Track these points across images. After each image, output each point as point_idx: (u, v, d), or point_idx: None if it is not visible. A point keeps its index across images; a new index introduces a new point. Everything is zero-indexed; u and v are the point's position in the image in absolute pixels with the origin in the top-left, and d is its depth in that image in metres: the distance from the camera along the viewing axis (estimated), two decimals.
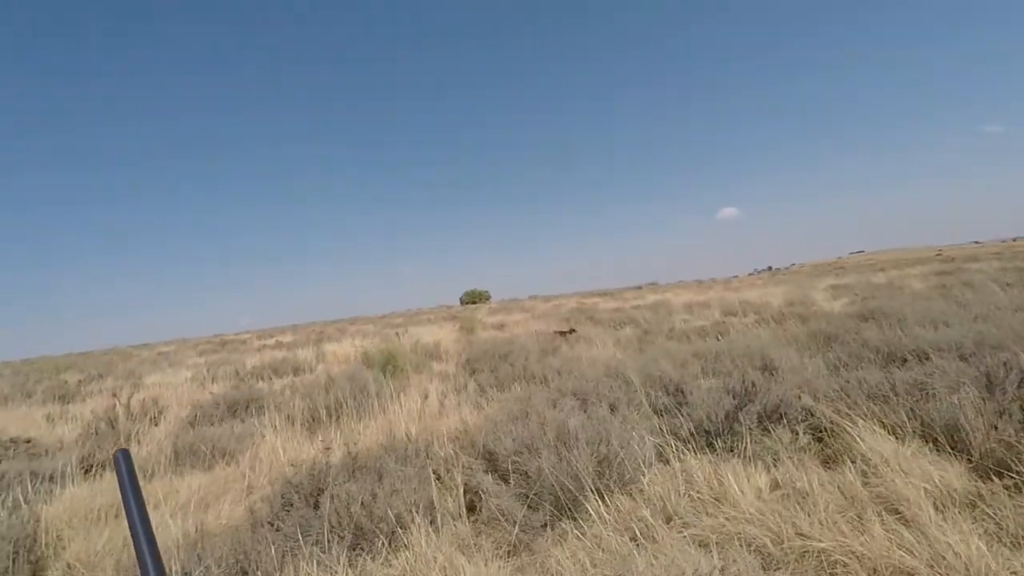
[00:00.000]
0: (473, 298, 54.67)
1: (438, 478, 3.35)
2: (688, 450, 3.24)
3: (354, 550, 2.66)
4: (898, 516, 2.43)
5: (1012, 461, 2.77)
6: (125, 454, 0.77)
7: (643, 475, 2.97)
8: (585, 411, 4.11)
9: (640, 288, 49.30)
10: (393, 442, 4.10)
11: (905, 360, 4.56)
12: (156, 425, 6.80)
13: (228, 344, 26.01)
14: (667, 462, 3.17)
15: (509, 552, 2.63)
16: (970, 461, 2.92)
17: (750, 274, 70.21)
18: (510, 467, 3.09)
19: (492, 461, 3.25)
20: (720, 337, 8.37)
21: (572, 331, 11.39)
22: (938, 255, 49.80)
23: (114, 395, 7.00)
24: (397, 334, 15.60)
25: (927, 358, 4.46)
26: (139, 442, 6.00)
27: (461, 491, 3.13)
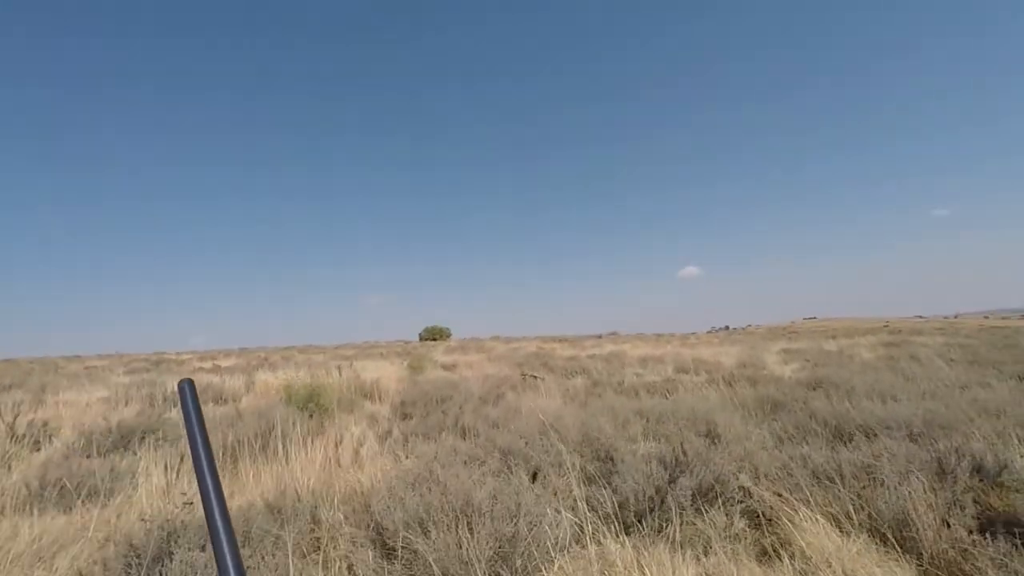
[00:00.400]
0: (433, 335, 53.67)
1: (316, 548, 2.83)
2: (610, 531, 2.81)
3: None
4: None
5: (965, 567, 2.45)
6: (190, 384, 0.75)
7: (552, 562, 2.52)
8: (509, 473, 3.66)
9: (600, 337, 49.33)
10: (283, 498, 3.54)
11: (852, 437, 4.28)
12: (38, 451, 6.01)
13: (163, 363, 24.41)
14: (584, 545, 2.73)
15: None
16: (920, 564, 2.58)
17: (708, 331, 71.43)
18: (399, 543, 2.60)
19: (380, 533, 2.74)
20: (669, 395, 8.07)
21: (534, 376, 10.97)
22: (885, 326, 51.79)
23: None
24: (340, 368, 14.84)
25: (875, 436, 4.20)
26: (9, 468, 5.23)
27: (339, 567, 2.62)
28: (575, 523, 2.83)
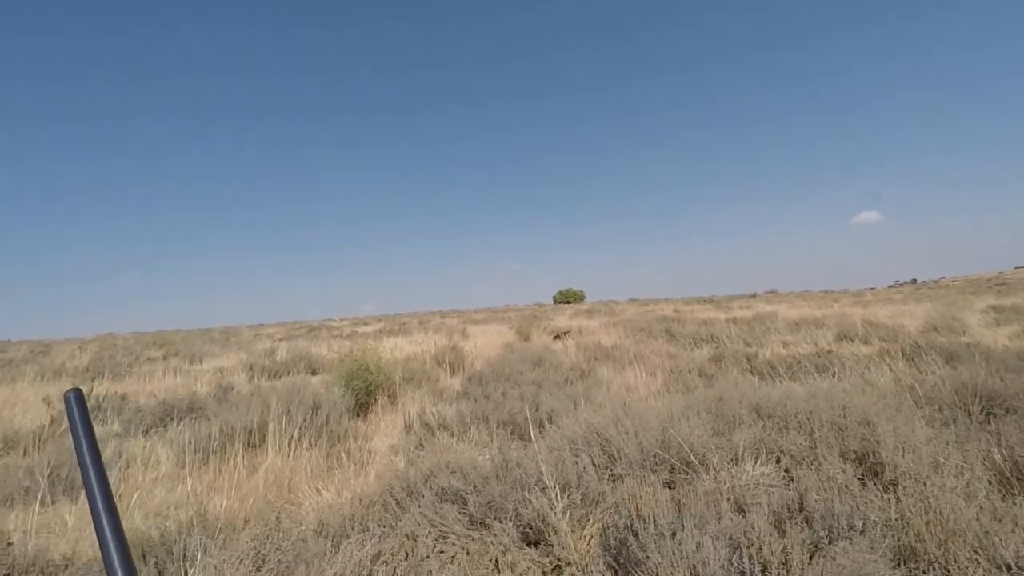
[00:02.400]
0: (566, 298, 52.78)
1: None
2: None
3: None
4: None
5: None
6: (77, 395, 0.70)
7: None
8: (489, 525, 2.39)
9: (754, 296, 44.65)
10: (261, 512, 2.66)
11: None
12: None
13: (319, 330, 26.63)
14: None
15: None
16: None
17: (890, 286, 61.24)
18: None
19: None
20: (819, 374, 6.07)
21: (564, 335, 9.40)
22: None
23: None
24: (451, 334, 14.42)
25: None
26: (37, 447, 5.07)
27: None
28: None
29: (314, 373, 9.11)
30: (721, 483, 2.70)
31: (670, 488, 2.84)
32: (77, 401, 0.69)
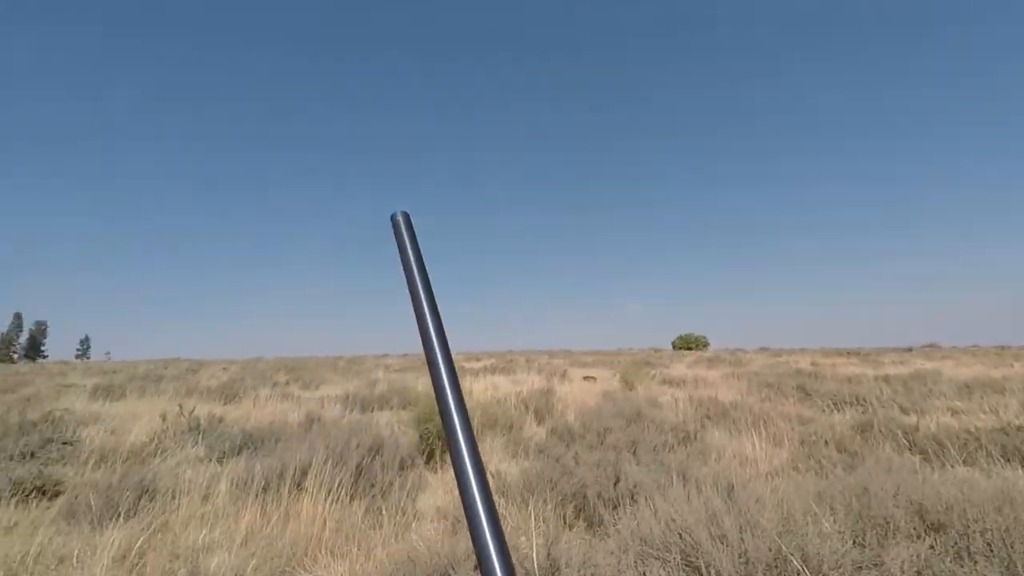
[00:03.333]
0: (687, 343, 49.68)
1: None
2: None
3: None
4: None
5: None
6: (405, 216, 0.66)
7: None
8: None
9: (910, 350, 38.86)
10: None
11: None
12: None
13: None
14: None
15: None
16: None
17: None
18: None
19: None
20: (1007, 460, 4.64)
21: (592, 378, 8.10)
22: None
23: (180, 407, 6.55)
24: (550, 376, 13.80)
25: None
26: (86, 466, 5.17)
27: None
28: None
29: (404, 408, 8.95)
30: None
31: None
32: (405, 221, 0.66)
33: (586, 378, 9.17)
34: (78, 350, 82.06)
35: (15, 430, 5.98)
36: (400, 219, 0.66)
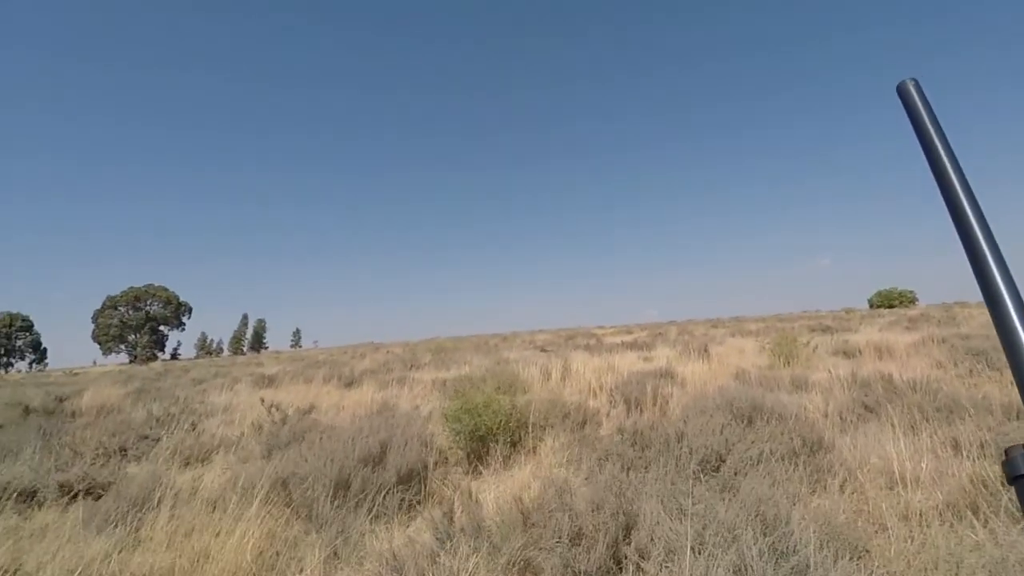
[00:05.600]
0: (887, 300, 41.86)
1: None
2: None
3: None
4: None
5: None
6: (915, 83, 0.58)
7: None
8: None
9: None
10: None
11: None
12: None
13: (572, 338, 26.52)
14: None
15: None
16: None
17: None
18: None
19: None
20: None
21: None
22: None
23: (261, 401, 6.63)
24: (694, 351, 12.15)
25: None
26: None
27: None
28: None
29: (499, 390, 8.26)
30: None
31: None
32: (916, 89, 0.58)
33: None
34: (292, 340, 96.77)
35: (121, 428, 6.51)
36: (910, 87, 0.58)
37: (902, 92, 0.57)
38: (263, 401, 6.50)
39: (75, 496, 4.34)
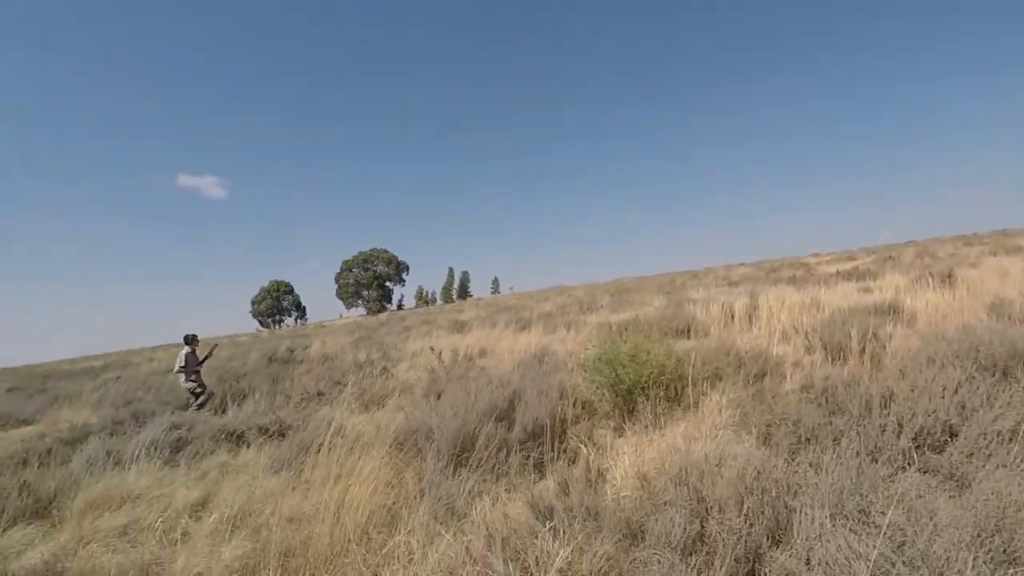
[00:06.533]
0: None
1: None
2: None
3: None
4: None
5: None
6: None
7: None
8: None
9: None
10: None
11: None
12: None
13: (777, 270, 23.38)
14: None
15: None
16: None
17: None
18: None
19: None
20: None
21: None
22: None
23: (431, 348, 6.95)
24: (921, 279, 9.77)
25: None
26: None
27: None
28: None
29: (684, 335, 7.49)
30: None
31: None
32: None
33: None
34: (491, 288, 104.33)
35: (329, 373, 7.40)
36: None
37: None
38: (432, 349, 6.81)
39: (271, 436, 5.03)
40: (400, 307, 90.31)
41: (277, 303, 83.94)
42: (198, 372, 7.49)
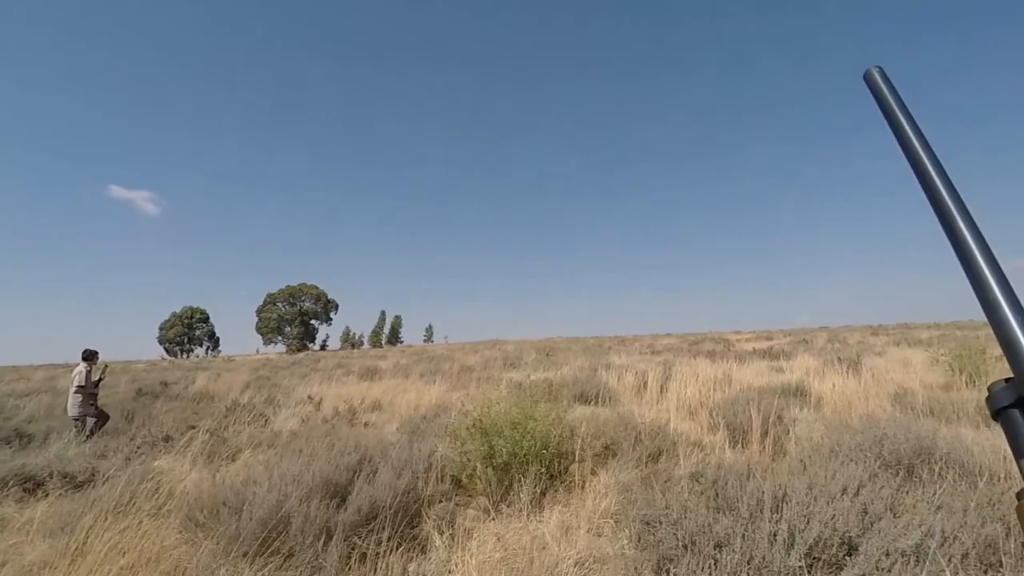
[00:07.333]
0: None
1: None
2: None
3: None
4: None
5: None
6: (880, 71, 0.58)
7: None
8: None
9: None
10: None
11: None
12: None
13: (697, 344, 23.96)
14: None
15: None
16: None
17: None
18: None
19: None
20: None
21: None
22: None
23: (309, 398, 6.15)
24: (830, 362, 10.02)
25: None
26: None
27: None
28: None
29: (594, 402, 7.07)
30: None
31: None
32: (881, 76, 0.58)
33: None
34: (424, 336, 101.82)
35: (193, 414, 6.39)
36: (876, 74, 0.58)
37: (868, 80, 0.57)
38: (311, 398, 6.03)
39: (79, 486, 4.06)
40: (324, 347, 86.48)
41: (188, 331, 78.04)
42: (95, 395, 6.64)
